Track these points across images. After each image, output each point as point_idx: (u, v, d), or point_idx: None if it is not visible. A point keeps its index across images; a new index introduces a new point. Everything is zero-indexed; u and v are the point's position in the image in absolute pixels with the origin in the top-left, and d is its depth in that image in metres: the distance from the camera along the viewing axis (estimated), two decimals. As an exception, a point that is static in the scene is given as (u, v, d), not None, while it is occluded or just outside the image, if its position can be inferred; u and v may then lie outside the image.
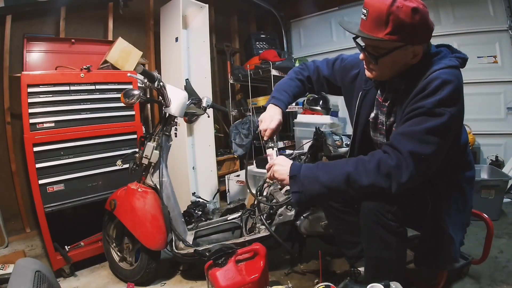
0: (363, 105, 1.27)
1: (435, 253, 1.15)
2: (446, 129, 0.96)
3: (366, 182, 0.99)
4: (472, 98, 2.78)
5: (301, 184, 1.06)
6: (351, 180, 1.00)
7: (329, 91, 1.48)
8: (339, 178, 1.01)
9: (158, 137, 1.71)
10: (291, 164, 1.11)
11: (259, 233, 1.67)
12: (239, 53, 3.85)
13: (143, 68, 2.18)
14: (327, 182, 1.03)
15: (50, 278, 1.09)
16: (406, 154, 0.96)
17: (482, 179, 2.26)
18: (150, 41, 2.98)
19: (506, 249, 1.76)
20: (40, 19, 2.38)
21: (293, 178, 1.08)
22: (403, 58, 1.03)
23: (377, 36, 0.97)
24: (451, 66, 0.99)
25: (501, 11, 2.77)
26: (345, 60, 1.39)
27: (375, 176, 0.98)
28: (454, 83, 0.96)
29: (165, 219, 1.65)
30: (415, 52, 1.01)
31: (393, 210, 1.07)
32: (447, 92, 0.95)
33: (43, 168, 1.72)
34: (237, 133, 3.31)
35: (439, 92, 0.95)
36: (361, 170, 0.99)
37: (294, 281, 1.62)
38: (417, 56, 1.03)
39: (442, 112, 0.94)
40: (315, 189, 1.04)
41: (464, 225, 1.23)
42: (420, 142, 0.95)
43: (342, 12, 3.62)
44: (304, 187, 1.05)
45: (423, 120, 0.96)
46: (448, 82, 0.95)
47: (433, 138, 0.95)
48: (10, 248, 2.17)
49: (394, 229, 1.08)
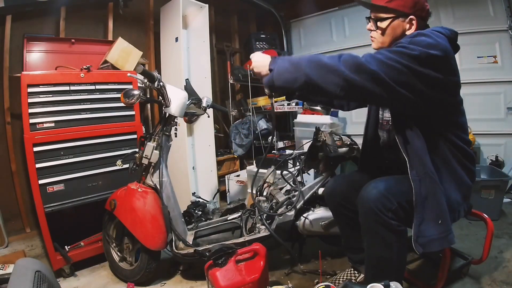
0: None
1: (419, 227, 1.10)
2: (413, 58, 1.00)
3: (325, 61, 1.03)
4: (472, 98, 2.78)
5: (275, 64, 1.10)
6: (315, 57, 1.05)
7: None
8: (305, 57, 1.07)
9: (158, 137, 1.71)
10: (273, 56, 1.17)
11: (259, 233, 1.67)
12: (239, 53, 3.85)
13: (143, 68, 2.18)
14: (294, 60, 1.08)
15: (50, 278, 1.09)
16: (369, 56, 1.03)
17: (482, 179, 2.26)
18: (150, 41, 2.98)
19: (506, 249, 1.76)
20: (40, 19, 2.38)
21: (273, 58, 1.13)
22: (399, 26, 1.16)
23: (379, 3, 1.15)
24: (436, 31, 1.09)
25: (501, 11, 2.77)
26: None
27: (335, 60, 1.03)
28: (430, 36, 1.04)
29: (165, 219, 1.65)
30: (410, 22, 1.14)
31: (393, 208, 1.08)
32: (422, 39, 1.04)
33: (43, 168, 1.73)
34: (237, 133, 3.31)
35: (414, 38, 1.06)
36: (328, 56, 1.06)
37: (294, 281, 1.62)
38: (412, 27, 1.14)
39: (413, 48, 1.01)
40: (284, 65, 1.08)
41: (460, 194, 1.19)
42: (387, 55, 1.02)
43: (342, 12, 3.62)
44: (277, 65, 1.09)
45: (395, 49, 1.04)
46: (423, 34, 1.06)
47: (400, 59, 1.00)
48: (10, 248, 2.16)
49: (395, 227, 1.08)
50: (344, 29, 3.64)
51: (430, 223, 1.08)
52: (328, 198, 1.51)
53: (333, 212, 1.53)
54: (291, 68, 1.06)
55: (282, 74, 1.07)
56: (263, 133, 3.24)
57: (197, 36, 2.91)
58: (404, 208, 1.10)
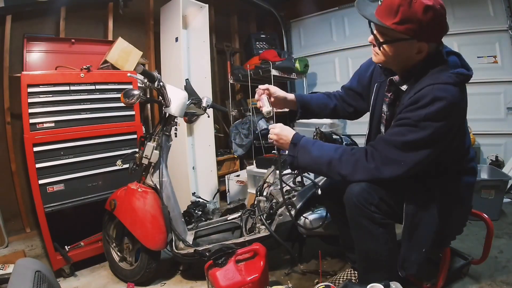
0: (378, 97, 1.29)
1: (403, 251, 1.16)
2: (427, 142, 1.00)
3: (343, 172, 1.12)
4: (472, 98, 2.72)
5: (297, 151, 1.21)
6: (333, 165, 1.14)
7: (353, 102, 1.49)
8: (324, 159, 1.15)
9: (158, 137, 1.70)
10: (294, 133, 1.26)
11: (259, 233, 1.67)
12: (239, 53, 3.85)
13: (143, 68, 2.18)
14: (315, 158, 1.17)
15: (50, 278, 1.09)
16: (382, 156, 1.06)
17: (482, 179, 2.26)
18: (150, 41, 2.98)
19: (506, 249, 1.76)
20: (40, 19, 2.38)
21: (293, 143, 1.23)
22: (406, 51, 1.05)
23: (384, 23, 1.00)
24: (447, 82, 1.00)
25: (501, 11, 2.77)
26: (362, 66, 1.45)
27: (352, 169, 1.11)
28: (445, 99, 0.97)
29: (165, 219, 1.65)
30: (420, 48, 1.03)
31: (375, 202, 1.11)
32: (436, 108, 0.97)
33: (43, 168, 1.72)
34: (237, 133, 3.31)
35: (427, 107, 0.98)
36: (344, 160, 1.12)
37: (294, 281, 1.62)
38: (422, 53, 1.04)
39: (425, 126, 0.98)
40: (305, 159, 1.19)
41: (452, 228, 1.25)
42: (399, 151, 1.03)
43: (342, 12, 3.63)
44: (299, 154, 1.20)
45: (406, 131, 1.02)
46: (438, 99, 0.97)
47: (411, 150, 1.02)
48: (10, 248, 2.17)
49: (379, 220, 1.11)
50: (344, 29, 3.64)
51: (414, 249, 1.13)
52: (325, 197, 1.52)
53: (330, 211, 1.54)
54: (313, 165, 1.20)
55: (305, 167, 1.24)
56: (263, 133, 3.25)
57: (197, 36, 2.91)
58: (386, 203, 1.12)
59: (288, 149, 1.24)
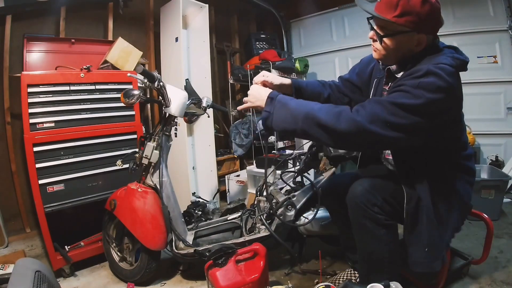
0: (377, 92, 1.29)
1: (409, 249, 1.15)
2: (417, 110, 0.97)
3: (323, 121, 1.02)
4: (472, 98, 2.78)
5: (273, 106, 1.11)
6: (311, 115, 1.04)
7: (350, 93, 1.46)
8: (302, 110, 1.06)
9: (158, 137, 1.70)
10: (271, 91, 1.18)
11: (259, 233, 1.67)
12: (239, 53, 3.85)
13: (143, 68, 2.16)
14: (292, 111, 1.08)
15: (50, 278, 1.09)
16: (369, 112, 0.99)
17: (482, 179, 2.26)
18: (150, 41, 2.98)
19: (506, 249, 1.76)
20: (40, 19, 2.38)
21: (270, 98, 1.14)
22: (407, 43, 1.08)
23: (386, 17, 1.04)
24: (444, 63, 1.01)
25: (501, 11, 2.77)
26: (363, 60, 1.45)
27: (335, 119, 1.01)
28: (440, 76, 0.97)
29: (165, 219, 1.65)
30: (419, 40, 1.06)
31: (378, 203, 1.11)
32: (431, 80, 0.97)
33: (43, 168, 1.72)
34: (237, 133, 3.31)
35: (422, 78, 0.98)
36: (324, 110, 1.04)
37: (294, 281, 1.62)
38: (420, 44, 1.07)
39: (418, 94, 0.96)
40: (281, 114, 1.09)
41: (450, 228, 1.22)
42: (388, 110, 0.98)
43: (342, 12, 3.63)
44: (275, 109, 1.11)
45: (399, 96, 0.99)
46: (433, 73, 0.97)
47: (401, 112, 0.97)
48: (10, 248, 2.17)
49: (382, 221, 1.11)
50: (344, 29, 3.64)
51: (417, 248, 1.12)
52: (325, 198, 1.52)
53: (330, 212, 1.55)
54: (289, 119, 1.08)
55: (280, 124, 1.10)
56: (263, 133, 3.25)
57: (197, 36, 2.91)
58: (390, 203, 1.12)
59: (264, 106, 1.14)
